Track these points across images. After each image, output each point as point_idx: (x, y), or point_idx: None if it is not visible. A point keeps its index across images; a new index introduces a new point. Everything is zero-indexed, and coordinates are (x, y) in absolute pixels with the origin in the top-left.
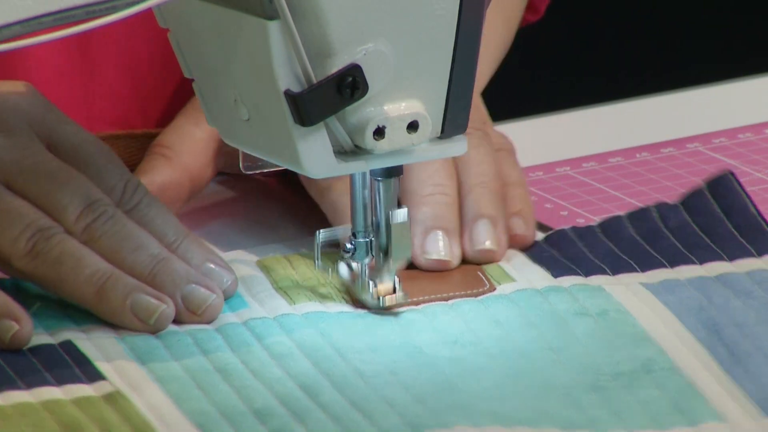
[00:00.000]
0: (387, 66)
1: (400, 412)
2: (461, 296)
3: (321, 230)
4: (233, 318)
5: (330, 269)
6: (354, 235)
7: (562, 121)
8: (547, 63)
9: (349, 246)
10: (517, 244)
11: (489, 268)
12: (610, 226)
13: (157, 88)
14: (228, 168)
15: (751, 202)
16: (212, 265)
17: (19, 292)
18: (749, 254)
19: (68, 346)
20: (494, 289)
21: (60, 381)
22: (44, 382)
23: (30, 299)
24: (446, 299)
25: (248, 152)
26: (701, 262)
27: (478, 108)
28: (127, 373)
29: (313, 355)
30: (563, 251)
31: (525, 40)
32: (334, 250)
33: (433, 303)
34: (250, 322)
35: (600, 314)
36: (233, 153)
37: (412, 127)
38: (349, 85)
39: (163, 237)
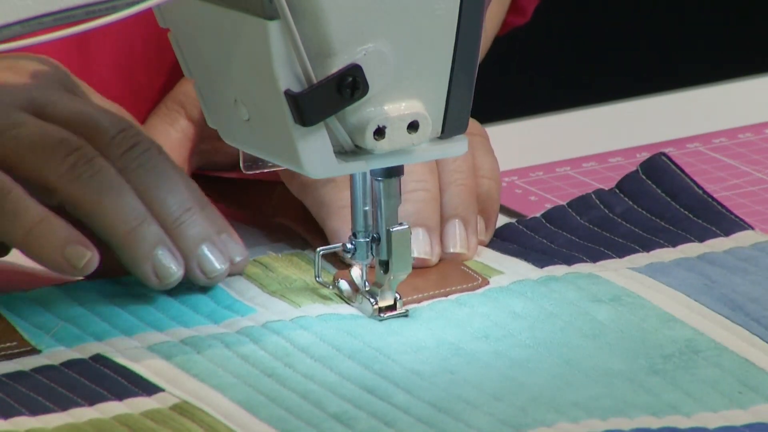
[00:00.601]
0: (387, 66)
1: (486, 411)
2: (460, 290)
3: (320, 248)
4: (248, 322)
5: (330, 284)
6: (354, 235)
7: (562, 121)
8: (547, 63)
9: (349, 246)
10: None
11: (469, 263)
12: (553, 216)
13: (152, 88)
14: (204, 166)
15: (694, 181)
16: (227, 236)
17: (38, 314)
18: (717, 235)
19: (103, 360)
20: (488, 282)
21: (119, 396)
22: (103, 398)
23: (50, 322)
24: (446, 294)
25: (248, 152)
26: (674, 245)
27: None
28: (180, 382)
29: (356, 357)
30: (524, 243)
31: (525, 40)
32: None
33: (436, 299)
34: (269, 324)
35: (613, 300)
36: (208, 151)
37: (413, 127)
38: (349, 85)
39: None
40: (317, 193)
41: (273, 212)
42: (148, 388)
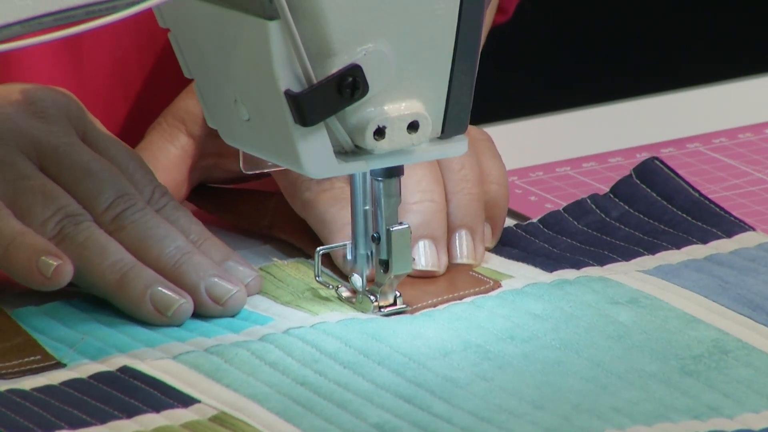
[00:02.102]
0: (387, 66)
1: (530, 421)
2: (473, 294)
3: (320, 248)
4: (268, 330)
5: (331, 285)
6: (355, 245)
7: (562, 122)
8: (547, 63)
9: (349, 257)
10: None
11: (477, 268)
12: (550, 221)
13: (147, 94)
14: (204, 181)
15: (687, 183)
16: (233, 263)
17: (56, 328)
18: (718, 236)
19: (131, 372)
20: (500, 284)
21: (155, 408)
22: (140, 410)
23: (70, 335)
24: (459, 298)
25: (248, 152)
26: (677, 247)
27: None
28: (214, 393)
29: (386, 363)
30: (526, 248)
31: (525, 40)
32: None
33: (450, 303)
34: (291, 331)
35: (631, 302)
36: (208, 167)
37: (413, 127)
38: (349, 85)
39: (187, 236)
40: (319, 212)
41: (270, 225)
42: (184, 399)
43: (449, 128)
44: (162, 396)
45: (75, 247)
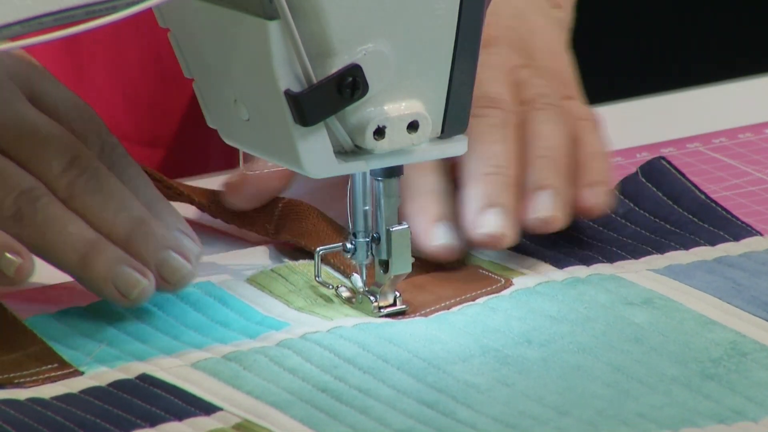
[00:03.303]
0: (387, 66)
1: (555, 427)
2: (486, 293)
3: (320, 248)
4: (284, 335)
5: (330, 285)
6: (354, 235)
7: None
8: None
9: (349, 246)
10: (585, 215)
11: (485, 264)
12: None
13: (147, 93)
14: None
15: (694, 185)
16: (179, 233)
17: (70, 335)
18: (726, 239)
19: (150, 380)
20: (511, 282)
21: (178, 416)
22: (162, 419)
23: (85, 343)
24: (472, 299)
25: (248, 152)
26: (686, 248)
27: (564, 82)
28: (236, 400)
29: (406, 368)
30: (534, 242)
31: None
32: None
33: (465, 304)
34: (308, 336)
35: (645, 303)
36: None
37: (413, 127)
38: (349, 85)
39: (138, 196)
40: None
41: (276, 230)
42: (205, 407)
43: (449, 128)
44: (183, 404)
45: (34, 227)
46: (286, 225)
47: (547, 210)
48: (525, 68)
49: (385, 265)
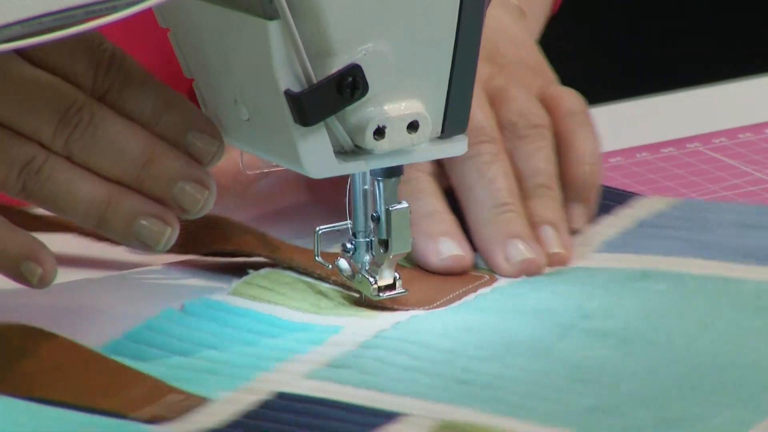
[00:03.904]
0: (387, 66)
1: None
2: (479, 287)
3: (320, 227)
4: (357, 338)
5: (329, 264)
6: (354, 234)
7: None
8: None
9: (349, 246)
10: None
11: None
12: None
13: None
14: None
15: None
16: (195, 133)
17: (159, 362)
18: (613, 206)
19: (295, 397)
20: (495, 278)
21: (367, 427)
22: None
23: (183, 368)
24: (474, 290)
25: (248, 152)
26: (595, 222)
27: (538, 71)
28: (406, 405)
29: (516, 352)
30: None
31: None
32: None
33: (467, 297)
34: (382, 334)
35: (644, 278)
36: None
37: (413, 127)
38: (349, 85)
39: (141, 116)
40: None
41: (272, 250)
42: (384, 415)
43: (449, 128)
44: (357, 415)
45: (44, 198)
46: (201, 238)
47: (559, 246)
48: (499, 76)
49: (385, 245)
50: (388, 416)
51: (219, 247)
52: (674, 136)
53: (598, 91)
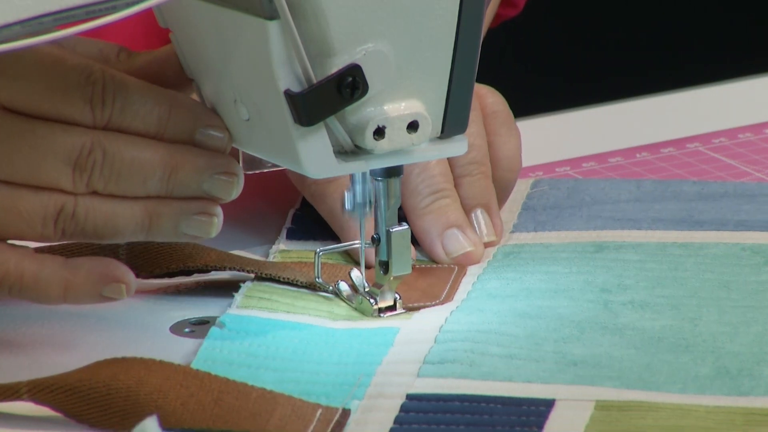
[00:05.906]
0: (387, 66)
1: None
2: (458, 277)
3: (319, 248)
4: (427, 343)
5: (330, 286)
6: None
7: (562, 121)
8: (547, 63)
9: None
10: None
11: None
12: None
13: None
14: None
15: None
16: (203, 131)
17: (267, 372)
18: None
19: (427, 397)
20: (465, 269)
21: (540, 417)
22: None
23: (291, 380)
24: (457, 282)
25: (248, 152)
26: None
27: None
28: (559, 391)
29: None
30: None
31: (525, 40)
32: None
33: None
34: (447, 329)
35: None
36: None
37: (412, 127)
38: (349, 85)
39: (148, 130)
40: (329, 207)
41: (197, 265)
42: (542, 404)
43: (449, 128)
44: (519, 407)
45: (89, 236)
46: (154, 258)
47: (490, 233)
48: None
49: (385, 266)
50: (547, 404)
51: (179, 266)
52: (674, 136)
53: (598, 91)
